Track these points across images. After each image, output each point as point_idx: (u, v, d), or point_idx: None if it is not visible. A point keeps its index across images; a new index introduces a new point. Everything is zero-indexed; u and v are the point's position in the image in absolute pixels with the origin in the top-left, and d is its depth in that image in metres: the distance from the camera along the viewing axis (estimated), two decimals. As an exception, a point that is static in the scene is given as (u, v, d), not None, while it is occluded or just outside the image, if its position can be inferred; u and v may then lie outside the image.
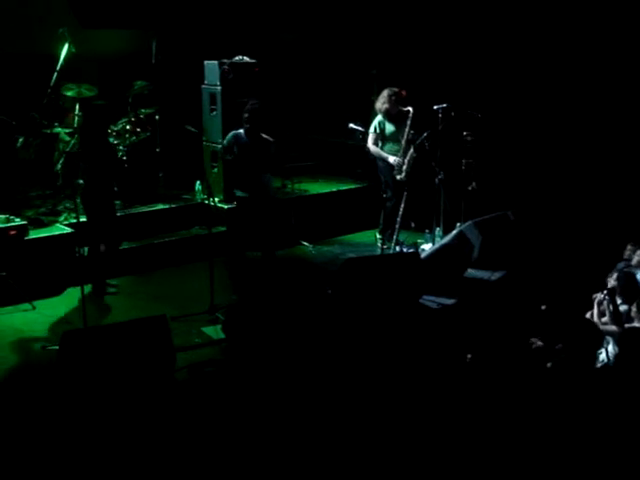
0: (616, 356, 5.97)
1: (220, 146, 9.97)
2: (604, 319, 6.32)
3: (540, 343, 6.23)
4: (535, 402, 5.50)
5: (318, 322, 7.03)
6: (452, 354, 6.59)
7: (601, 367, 5.89)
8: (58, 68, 9.79)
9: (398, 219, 9.30)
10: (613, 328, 6.21)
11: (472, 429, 5.44)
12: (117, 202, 9.34)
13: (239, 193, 8.45)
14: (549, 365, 5.93)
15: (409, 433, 5.50)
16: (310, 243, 10.30)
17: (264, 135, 8.39)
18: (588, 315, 6.49)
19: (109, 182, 8.19)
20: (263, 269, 8.50)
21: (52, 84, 9.75)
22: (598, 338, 5.93)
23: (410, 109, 9.39)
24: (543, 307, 6.87)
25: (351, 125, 10.51)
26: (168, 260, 9.30)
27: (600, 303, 6.37)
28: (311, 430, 5.57)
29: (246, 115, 8.37)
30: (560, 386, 5.65)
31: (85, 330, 6.63)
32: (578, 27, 9.97)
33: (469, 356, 6.30)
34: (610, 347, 5.90)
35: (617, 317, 6.22)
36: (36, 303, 8.02)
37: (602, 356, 5.81)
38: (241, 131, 8.41)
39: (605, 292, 6.33)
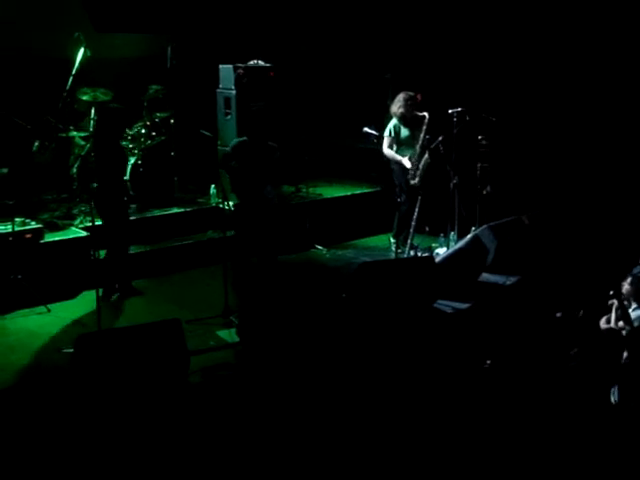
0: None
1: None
2: (621, 323, 6.28)
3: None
4: (554, 408, 5.48)
5: (332, 326, 7.02)
6: (467, 359, 6.57)
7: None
8: (74, 72, 9.82)
9: (412, 223, 9.27)
10: None
11: (490, 436, 5.42)
12: (132, 206, 9.39)
13: (236, 200, 8.41)
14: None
15: (426, 439, 5.48)
16: (324, 247, 10.29)
17: (270, 142, 8.35)
18: (604, 320, 6.45)
19: (120, 186, 8.18)
20: (259, 275, 8.45)
21: (68, 88, 9.79)
22: (618, 344, 5.90)
23: (426, 114, 9.35)
24: (558, 314, 6.84)
25: (365, 129, 10.49)
26: (183, 263, 9.31)
27: (618, 308, 6.33)
28: (325, 434, 5.56)
29: (252, 119, 8.34)
30: (576, 391, 5.63)
31: (99, 333, 6.64)
32: (593, 33, 9.93)
33: (488, 362, 6.27)
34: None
35: (626, 319, 6.17)
36: (51, 306, 8.05)
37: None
38: (245, 139, 8.33)
39: (611, 293, 6.28)
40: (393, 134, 9.54)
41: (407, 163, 9.43)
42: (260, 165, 8.19)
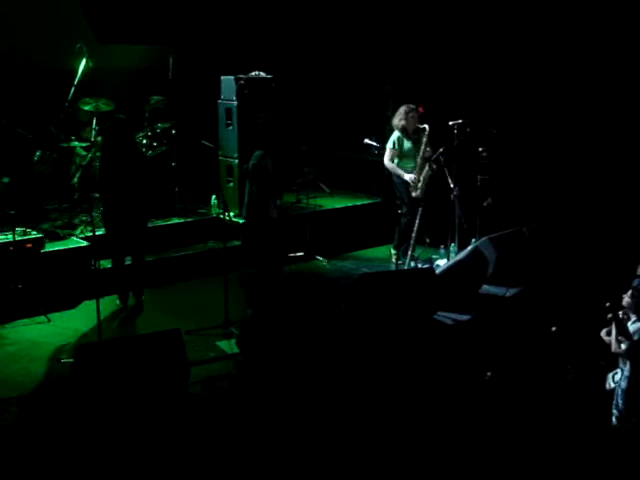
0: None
1: (237, 161, 10.04)
2: (621, 337, 6.25)
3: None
4: (553, 421, 5.47)
5: (332, 337, 7.02)
6: (468, 371, 6.57)
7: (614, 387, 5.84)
8: (75, 82, 9.87)
9: (413, 235, 9.28)
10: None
11: (491, 449, 5.41)
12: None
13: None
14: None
15: (427, 451, 5.48)
16: (325, 258, 10.29)
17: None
18: (604, 332, 6.44)
19: (135, 195, 8.18)
20: (263, 286, 8.48)
21: (69, 98, 9.83)
22: (610, 358, 5.90)
23: (426, 126, 9.39)
24: (553, 328, 6.83)
25: (366, 140, 10.51)
26: (183, 274, 9.32)
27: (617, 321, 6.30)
28: (325, 445, 5.55)
29: (260, 132, 8.38)
30: (571, 406, 5.63)
31: (100, 343, 6.64)
32: (593, 45, 9.95)
33: (489, 374, 6.26)
34: (627, 366, 5.84)
35: (625, 333, 6.14)
36: (51, 316, 8.04)
37: (617, 376, 5.76)
38: (263, 152, 8.38)
39: (607, 305, 6.25)
40: (397, 146, 9.56)
41: (407, 177, 9.47)
42: (271, 179, 8.26)
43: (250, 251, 8.65)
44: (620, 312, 6.16)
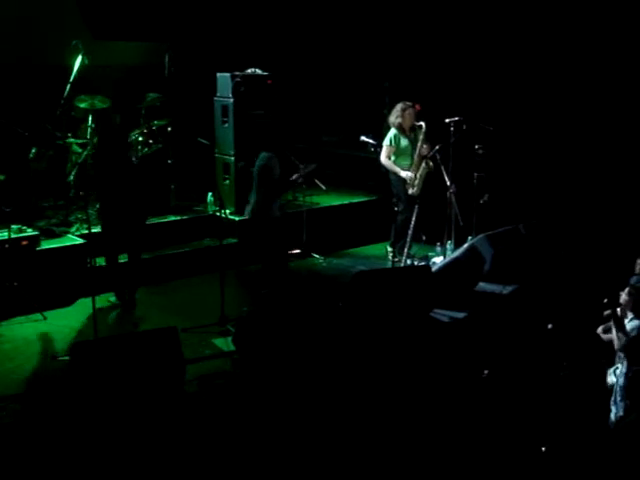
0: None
1: (233, 159, 10.03)
2: (619, 334, 6.26)
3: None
4: (550, 419, 5.47)
5: (329, 335, 7.01)
6: (464, 368, 6.57)
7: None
8: (71, 80, 9.84)
9: (409, 232, 9.28)
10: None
11: (488, 447, 5.41)
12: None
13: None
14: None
15: (424, 449, 5.47)
16: (321, 255, 10.29)
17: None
18: (601, 329, 6.45)
19: (131, 194, 8.15)
20: (261, 282, 8.51)
21: (65, 95, 9.81)
22: (607, 354, 5.90)
23: (423, 124, 9.39)
24: (549, 326, 6.83)
25: (363, 137, 10.49)
26: (179, 271, 9.31)
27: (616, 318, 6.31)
28: (321, 444, 5.55)
29: (263, 134, 8.44)
30: (569, 403, 5.63)
31: (96, 341, 6.63)
32: (589, 43, 9.95)
33: (486, 372, 6.26)
34: (625, 362, 5.84)
35: (623, 330, 6.15)
36: (47, 314, 8.02)
37: (618, 371, 5.77)
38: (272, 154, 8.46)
39: (605, 301, 6.26)
40: (394, 144, 9.55)
41: (404, 174, 9.46)
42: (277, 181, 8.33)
43: (255, 250, 8.66)
44: (617, 309, 6.17)
